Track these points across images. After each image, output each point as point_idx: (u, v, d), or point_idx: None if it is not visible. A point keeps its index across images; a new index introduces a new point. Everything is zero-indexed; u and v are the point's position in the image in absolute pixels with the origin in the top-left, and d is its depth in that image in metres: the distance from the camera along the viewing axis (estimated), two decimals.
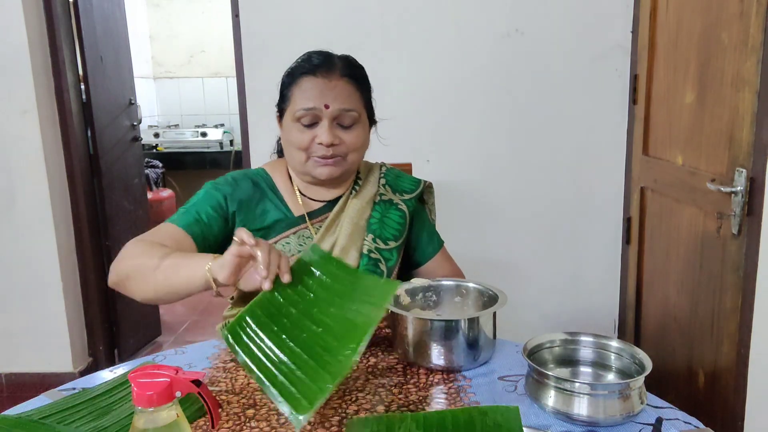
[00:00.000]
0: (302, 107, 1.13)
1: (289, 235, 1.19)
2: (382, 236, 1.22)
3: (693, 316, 1.63)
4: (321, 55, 1.19)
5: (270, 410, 0.87)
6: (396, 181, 1.30)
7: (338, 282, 0.90)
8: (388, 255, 1.21)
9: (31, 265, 2.46)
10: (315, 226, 1.20)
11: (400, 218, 1.25)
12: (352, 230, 1.19)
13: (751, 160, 1.33)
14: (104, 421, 0.84)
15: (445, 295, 1.15)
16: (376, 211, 1.23)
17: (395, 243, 1.23)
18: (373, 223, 1.22)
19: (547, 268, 2.40)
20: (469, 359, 0.98)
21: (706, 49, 1.55)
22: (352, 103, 1.16)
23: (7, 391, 2.53)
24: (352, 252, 1.18)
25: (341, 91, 1.14)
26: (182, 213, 1.16)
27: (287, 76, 1.20)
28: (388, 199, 1.26)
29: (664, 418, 0.82)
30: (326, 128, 1.13)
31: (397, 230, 1.24)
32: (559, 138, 2.31)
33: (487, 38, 2.25)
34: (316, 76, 1.14)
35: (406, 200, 1.27)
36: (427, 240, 1.31)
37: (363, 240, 1.20)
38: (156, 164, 4.41)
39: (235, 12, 2.25)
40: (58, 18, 2.40)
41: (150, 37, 4.90)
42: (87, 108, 2.58)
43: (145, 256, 1.01)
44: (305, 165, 1.17)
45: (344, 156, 1.16)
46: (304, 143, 1.14)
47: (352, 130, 1.16)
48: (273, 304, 0.87)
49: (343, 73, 1.16)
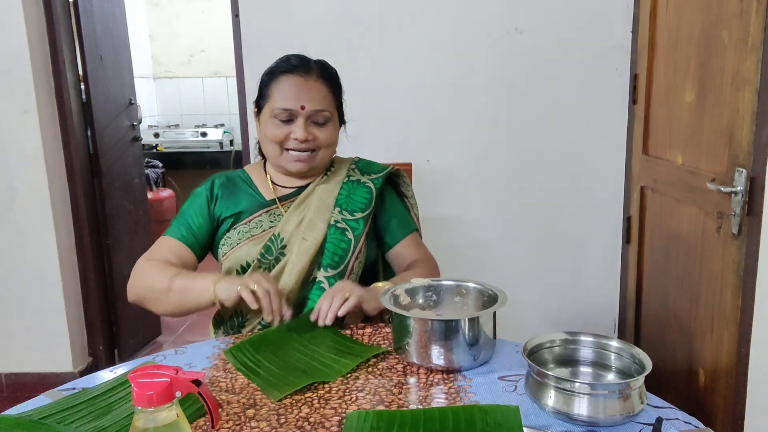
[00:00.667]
0: (280, 107, 1.24)
1: (262, 214, 1.30)
2: (348, 208, 1.31)
3: (693, 315, 1.63)
4: (298, 57, 1.30)
5: (270, 410, 0.87)
6: (367, 166, 1.40)
7: (329, 339, 1.09)
8: (354, 225, 1.29)
9: (31, 265, 2.46)
10: (285, 206, 1.31)
11: (367, 193, 1.33)
12: (319, 206, 1.29)
13: (751, 160, 1.33)
14: (104, 421, 0.84)
15: (445, 295, 1.15)
16: (343, 189, 1.33)
17: (362, 214, 1.30)
18: (340, 199, 1.32)
19: (547, 267, 2.40)
20: (469, 359, 0.98)
21: (706, 49, 1.55)
22: (326, 104, 1.27)
23: (7, 391, 2.53)
24: (319, 224, 1.27)
25: (316, 93, 1.25)
26: (176, 225, 1.31)
27: (266, 75, 1.31)
28: (355, 179, 1.35)
29: (664, 418, 0.82)
30: (301, 126, 1.24)
31: (363, 203, 1.32)
32: (559, 137, 2.31)
33: (486, 38, 2.25)
34: (294, 75, 1.26)
35: (372, 179, 1.35)
36: (397, 224, 1.37)
37: (330, 213, 1.29)
38: (156, 164, 4.41)
39: (235, 12, 2.25)
40: (58, 18, 2.40)
41: (150, 37, 4.90)
42: (87, 108, 2.58)
43: (156, 279, 1.21)
44: (279, 158, 1.29)
45: (316, 150, 1.28)
46: (280, 137, 1.26)
47: (325, 128, 1.28)
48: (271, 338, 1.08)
49: (319, 75, 1.28)
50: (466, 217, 2.35)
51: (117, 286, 2.75)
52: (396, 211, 1.39)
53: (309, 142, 1.25)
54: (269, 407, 0.87)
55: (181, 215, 1.32)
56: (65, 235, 2.52)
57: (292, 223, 1.27)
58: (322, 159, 1.31)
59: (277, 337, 1.08)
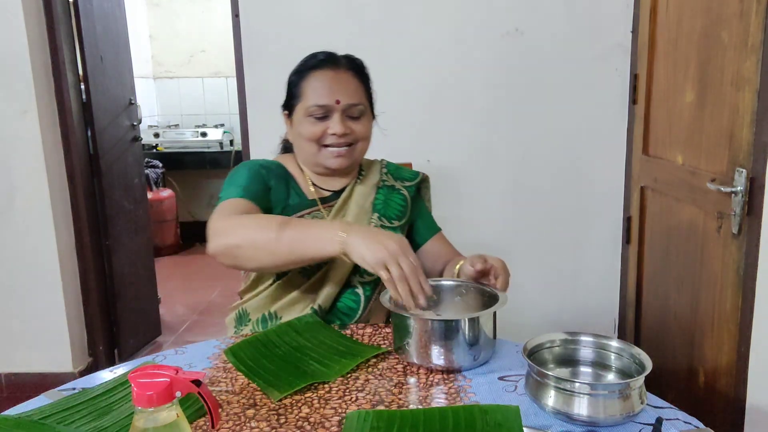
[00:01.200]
0: (315, 103, 1.22)
1: (305, 215, 1.26)
2: (386, 215, 1.31)
3: (693, 315, 1.63)
4: (325, 53, 1.28)
5: (270, 410, 0.87)
6: (397, 171, 1.40)
7: (329, 338, 1.09)
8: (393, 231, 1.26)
9: (31, 265, 2.45)
10: (326, 209, 1.28)
11: (402, 201, 1.34)
12: (358, 211, 1.28)
13: (751, 160, 1.33)
14: (104, 421, 0.84)
15: (445, 295, 1.15)
16: (379, 194, 1.33)
17: (399, 222, 1.32)
18: (378, 204, 1.31)
19: (546, 267, 2.40)
20: (469, 359, 0.98)
21: (706, 49, 1.55)
22: (359, 96, 1.26)
23: (7, 391, 2.53)
24: None
25: (348, 85, 1.24)
26: (244, 189, 1.18)
27: (295, 75, 1.28)
28: (390, 184, 1.35)
29: (664, 418, 0.82)
30: (338, 120, 1.22)
31: (400, 211, 1.33)
32: (559, 137, 2.30)
33: (487, 37, 2.25)
34: (324, 70, 1.25)
35: (406, 186, 1.37)
36: (424, 225, 1.39)
37: (369, 219, 1.28)
38: (156, 164, 4.41)
39: (235, 12, 2.25)
40: (58, 18, 2.40)
41: (150, 37, 4.90)
42: (87, 108, 2.58)
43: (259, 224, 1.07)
44: (317, 156, 1.26)
45: (354, 144, 1.26)
46: (317, 135, 1.23)
47: (360, 122, 1.26)
48: (271, 338, 1.08)
49: (348, 67, 1.27)
50: (465, 217, 2.35)
51: (117, 286, 2.75)
52: (422, 213, 1.40)
53: (347, 136, 1.24)
54: (269, 407, 0.88)
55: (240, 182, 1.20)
56: (65, 236, 2.52)
57: None
58: (360, 153, 1.30)
59: (277, 337, 1.08)
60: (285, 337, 1.08)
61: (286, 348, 1.05)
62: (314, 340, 1.08)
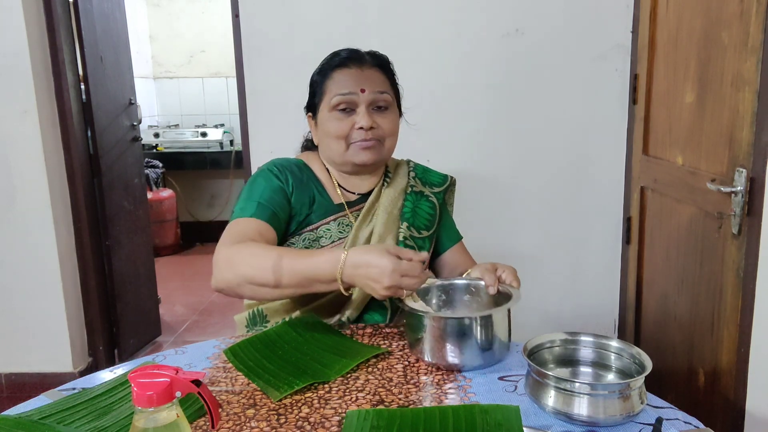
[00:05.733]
0: (339, 93, 1.18)
1: (330, 221, 1.23)
2: (415, 225, 1.27)
3: (693, 315, 1.63)
4: (348, 50, 1.25)
5: (270, 410, 0.87)
6: (425, 174, 1.37)
7: (329, 338, 1.09)
8: (421, 243, 1.26)
9: (31, 265, 2.45)
10: (353, 213, 1.24)
11: (431, 209, 1.31)
12: (387, 218, 1.24)
13: (751, 160, 1.33)
14: (104, 421, 0.84)
15: (455, 294, 1.15)
16: (408, 201, 1.29)
17: (428, 232, 1.29)
18: (406, 212, 1.27)
19: (547, 267, 2.40)
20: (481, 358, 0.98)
21: (706, 49, 1.55)
22: (386, 87, 1.22)
23: (7, 391, 2.53)
24: (388, 239, 1.22)
25: (374, 78, 1.21)
26: (256, 206, 1.15)
27: (318, 74, 1.25)
28: (418, 190, 1.32)
29: (664, 418, 0.82)
30: (364, 112, 1.18)
31: (429, 220, 1.30)
32: (559, 138, 2.30)
33: (487, 38, 2.25)
34: (349, 67, 1.21)
35: (435, 193, 1.34)
36: (446, 234, 1.36)
37: (398, 228, 1.25)
38: (156, 164, 4.41)
39: (235, 12, 2.25)
40: (58, 18, 2.40)
41: (150, 37, 4.90)
42: (87, 108, 2.58)
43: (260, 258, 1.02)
44: (345, 154, 1.21)
45: (382, 140, 1.22)
46: (344, 131, 1.19)
47: (387, 115, 1.22)
48: (271, 338, 1.08)
49: (373, 63, 1.24)
50: (465, 217, 2.34)
51: (117, 287, 2.75)
52: (446, 221, 1.37)
53: (374, 131, 1.19)
54: (269, 407, 0.88)
55: (258, 197, 1.16)
56: (65, 236, 2.52)
57: (362, 237, 1.21)
58: (389, 150, 1.25)
59: (277, 337, 1.08)
60: (285, 337, 1.08)
61: (286, 348, 1.05)
62: (314, 340, 1.08)
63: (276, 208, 1.16)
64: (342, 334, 1.12)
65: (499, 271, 1.11)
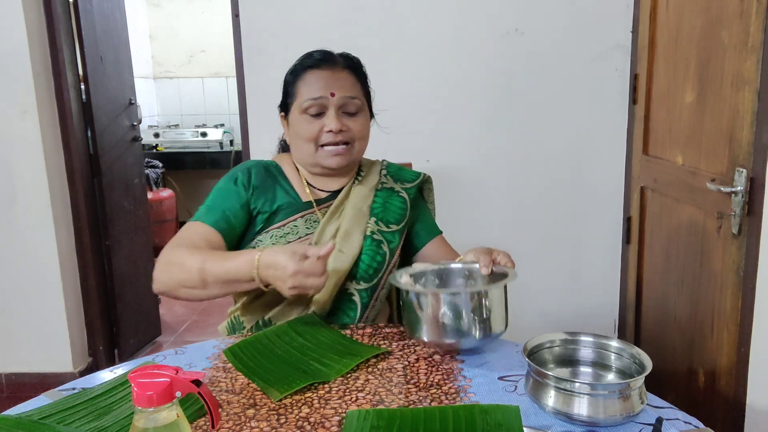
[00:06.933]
0: (309, 97, 1.19)
1: (297, 218, 1.23)
2: (384, 219, 1.27)
3: (693, 315, 1.63)
4: (321, 52, 1.26)
5: (270, 410, 0.87)
6: (398, 172, 1.37)
7: (329, 338, 1.09)
8: (390, 237, 1.26)
9: (31, 265, 2.46)
10: (321, 211, 1.25)
11: (402, 203, 1.30)
12: (355, 214, 1.24)
13: (751, 160, 1.33)
14: (104, 421, 0.84)
15: (450, 278, 1.15)
16: (378, 197, 1.29)
17: (397, 226, 1.27)
18: (376, 207, 1.27)
19: (547, 267, 2.40)
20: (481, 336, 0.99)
21: (706, 49, 1.55)
22: (356, 91, 1.23)
23: (7, 391, 2.53)
24: (355, 234, 1.22)
25: (345, 81, 1.22)
26: (208, 210, 1.20)
27: (290, 74, 1.26)
28: (389, 187, 1.32)
29: (664, 418, 0.82)
30: (333, 116, 1.19)
31: (399, 214, 1.29)
32: (559, 137, 2.31)
33: (487, 38, 2.25)
34: (320, 69, 1.22)
35: (406, 188, 1.33)
36: (424, 228, 1.35)
37: (366, 223, 1.25)
38: (156, 164, 4.41)
39: (235, 12, 2.25)
40: (58, 18, 2.40)
41: (150, 37, 4.90)
42: (87, 108, 2.58)
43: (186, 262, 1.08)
44: (315, 156, 1.23)
45: (352, 143, 1.23)
46: (313, 133, 1.21)
47: (358, 118, 1.23)
48: (271, 338, 1.08)
49: (345, 65, 1.24)
50: (465, 217, 2.35)
51: (117, 286, 2.75)
52: (423, 215, 1.37)
53: (343, 134, 1.20)
54: (269, 407, 0.87)
55: (214, 200, 1.22)
56: (65, 236, 2.52)
57: (328, 232, 1.22)
58: (359, 153, 1.26)
59: (277, 337, 1.08)
60: (285, 337, 1.08)
61: (286, 348, 1.05)
62: (314, 340, 1.08)
63: (229, 212, 1.20)
64: (342, 334, 1.12)
65: (494, 254, 1.11)
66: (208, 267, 1.05)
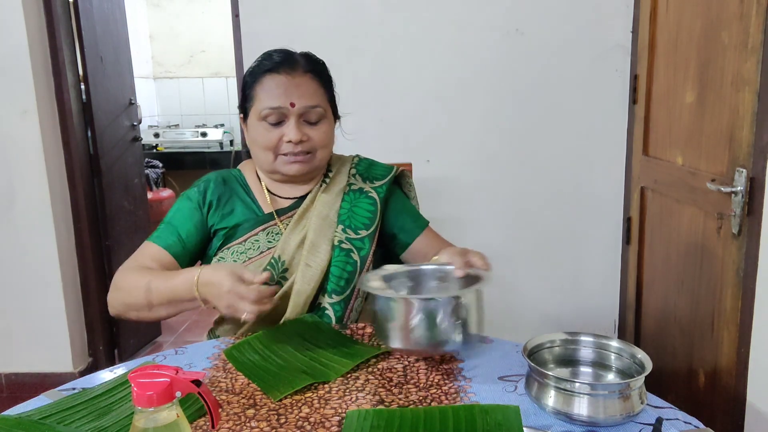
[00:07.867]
0: (268, 106, 1.14)
1: (258, 232, 1.19)
2: (351, 226, 1.20)
3: (693, 316, 1.63)
4: (282, 52, 1.19)
5: (270, 410, 0.87)
6: (368, 169, 1.29)
7: (329, 338, 1.09)
8: (359, 244, 1.20)
9: (31, 264, 2.45)
10: (284, 222, 1.21)
11: (370, 205, 1.23)
12: (320, 224, 1.19)
13: (751, 160, 1.33)
14: (104, 421, 0.84)
15: (423, 280, 1.09)
16: (345, 201, 1.23)
17: (366, 231, 1.21)
18: (342, 213, 1.21)
19: (547, 268, 2.40)
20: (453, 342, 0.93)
21: (706, 49, 1.55)
22: (317, 99, 1.17)
23: (7, 391, 2.53)
24: (322, 245, 1.17)
25: (306, 89, 1.16)
26: (162, 231, 1.20)
27: (249, 76, 1.20)
28: (358, 188, 1.25)
29: (664, 418, 0.82)
30: (293, 126, 1.14)
31: (368, 218, 1.22)
32: (559, 138, 2.31)
33: (487, 38, 2.25)
34: (279, 74, 1.15)
35: (376, 187, 1.25)
36: (410, 221, 1.28)
37: (333, 232, 1.19)
38: (156, 164, 4.41)
39: (235, 12, 2.25)
40: (58, 18, 2.40)
41: (150, 37, 4.90)
42: (87, 108, 2.58)
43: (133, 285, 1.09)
44: (273, 164, 1.18)
45: (313, 152, 1.18)
46: (272, 142, 1.15)
47: (319, 127, 1.17)
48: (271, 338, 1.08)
49: (306, 69, 1.17)
50: (465, 218, 2.35)
51: None
52: (406, 209, 1.29)
53: (304, 144, 1.15)
54: (269, 407, 0.87)
55: (169, 220, 1.21)
56: (65, 236, 2.52)
57: (292, 243, 1.17)
58: (321, 160, 1.21)
59: (277, 337, 1.08)
60: (285, 337, 1.08)
61: (286, 348, 1.05)
62: (314, 340, 1.08)
63: (182, 232, 1.19)
64: (342, 334, 1.12)
65: (469, 256, 1.04)
66: (153, 287, 1.06)
